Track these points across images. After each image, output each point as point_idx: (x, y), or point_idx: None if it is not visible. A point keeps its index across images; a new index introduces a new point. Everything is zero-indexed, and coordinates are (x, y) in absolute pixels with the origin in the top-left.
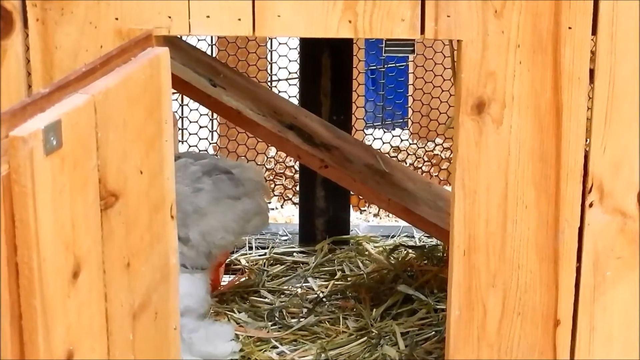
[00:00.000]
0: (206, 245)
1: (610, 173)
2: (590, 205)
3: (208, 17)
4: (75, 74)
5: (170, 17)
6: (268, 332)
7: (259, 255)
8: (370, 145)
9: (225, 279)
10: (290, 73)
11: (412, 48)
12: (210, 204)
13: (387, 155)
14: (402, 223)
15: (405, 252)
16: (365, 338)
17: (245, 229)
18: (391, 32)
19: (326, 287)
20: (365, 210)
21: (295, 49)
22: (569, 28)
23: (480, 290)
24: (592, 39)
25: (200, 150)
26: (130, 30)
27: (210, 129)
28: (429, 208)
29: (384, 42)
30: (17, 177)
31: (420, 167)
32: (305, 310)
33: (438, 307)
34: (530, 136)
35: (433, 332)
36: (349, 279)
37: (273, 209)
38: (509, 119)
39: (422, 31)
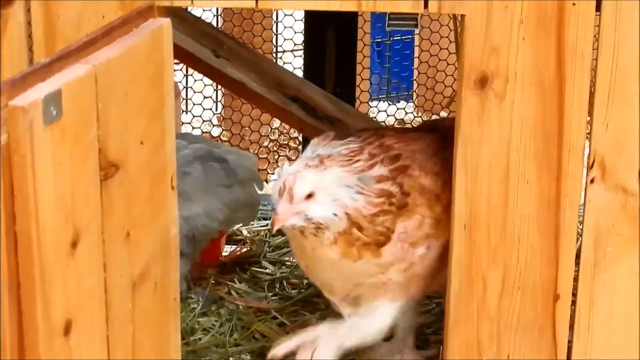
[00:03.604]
0: (189, 228)
1: (613, 150)
2: (592, 181)
3: None
4: (77, 44)
5: None
6: (268, 303)
7: (261, 226)
8: (375, 118)
9: (227, 250)
10: (295, 45)
11: (415, 22)
12: (196, 189)
13: None
14: None
15: None
16: None
17: (233, 218)
18: (396, 7)
19: None
20: None
21: (301, 20)
22: (573, 4)
23: (480, 265)
24: (596, 16)
25: (204, 121)
26: (133, 1)
27: (215, 100)
28: None
29: (387, 15)
30: (16, 147)
31: None
32: (305, 281)
33: None
34: (533, 112)
35: (433, 305)
36: None
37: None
38: (511, 94)
39: (426, 5)
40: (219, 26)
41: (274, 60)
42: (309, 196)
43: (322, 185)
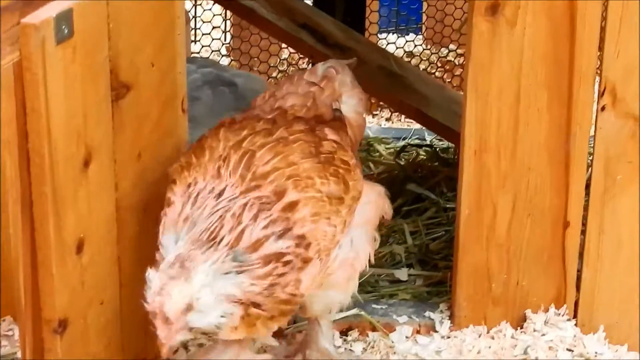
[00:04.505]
0: None
1: (623, 78)
2: (603, 109)
3: None
4: None
5: None
6: None
7: None
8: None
9: None
10: None
11: None
12: (206, 114)
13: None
14: (414, 126)
15: (415, 153)
16: None
17: None
18: None
19: None
20: (377, 115)
21: None
22: None
23: (490, 191)
24: None
25: (212, 51)
26: None
27: (224, 30)
28: (441, 111)
29: None
30: (28, 65)
31: (434, 73)
32: None
33: (448, 206)
34: (544, 39)
35: (442, 232)
36: None
37: None
38: (523, 20)
39: None
40: None
41: None
42: (187, 308)
43: (195, 295)
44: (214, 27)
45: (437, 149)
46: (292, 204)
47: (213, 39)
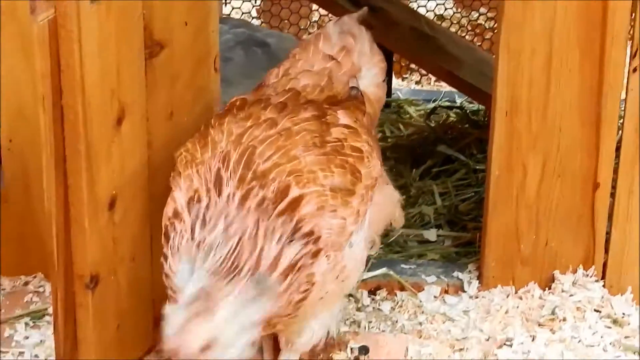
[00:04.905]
0: None
1: None
2: (634, 70)
3: None
4: None
5: None
6: None
7: None
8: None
9: None
10: None
11: None
12: (238, 75)
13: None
14: (444, 89)
15: (445, 115)
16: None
17: None
18: None
19: None
20: (407, 78)
21: None
22: None
23: (520, 151)
24: None
25: (243, 13)
26: None
27: None
28: (472, 73)
29: None
30: (63, 22)
31: (464, 37)
32: None
33: (477, 167)
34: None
35: (472, 193)
36: (389, 140)
37: None
38: None
39: None
40: None
41: None
42: (206, 346)
43: (218, 331)
44: None
45: (468, 111)
46: (296, 200)
47: (243, 1)
